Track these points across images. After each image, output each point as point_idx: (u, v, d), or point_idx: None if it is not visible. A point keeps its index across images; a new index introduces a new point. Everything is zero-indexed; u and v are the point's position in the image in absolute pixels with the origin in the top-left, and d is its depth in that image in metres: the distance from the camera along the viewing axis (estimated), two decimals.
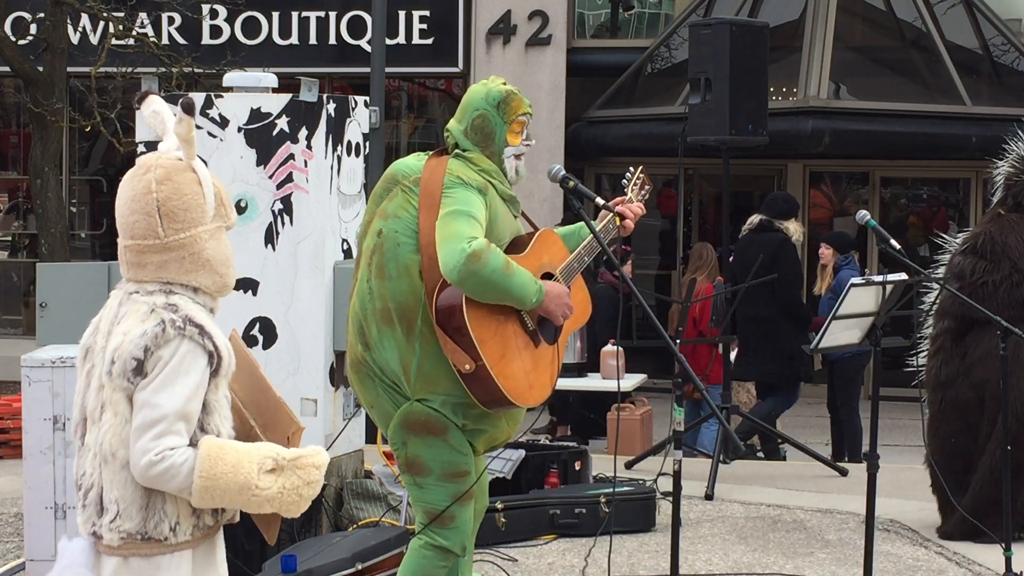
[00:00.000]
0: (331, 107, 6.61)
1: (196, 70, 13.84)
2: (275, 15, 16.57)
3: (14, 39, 13.46)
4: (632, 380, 10.36)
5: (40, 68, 13.35)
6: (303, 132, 6.49)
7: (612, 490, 7.38)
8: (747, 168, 16.76)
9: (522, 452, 7.66)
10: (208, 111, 6.53)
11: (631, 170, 5.39)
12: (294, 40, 16.61)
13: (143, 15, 15.33)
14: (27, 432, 6.00)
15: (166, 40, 15.86)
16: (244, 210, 6.49)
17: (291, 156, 6.50)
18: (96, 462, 3.42)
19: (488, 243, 4.56)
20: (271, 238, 6.52)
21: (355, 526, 6.69)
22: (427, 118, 18.31)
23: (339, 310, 6.43)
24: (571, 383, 10.10)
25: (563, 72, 16.25)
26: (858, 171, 17.03)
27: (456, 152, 4.87)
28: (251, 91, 6.63)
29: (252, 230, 6.51)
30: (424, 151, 5.01)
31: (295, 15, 16.58)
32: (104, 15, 13.50)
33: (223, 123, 6.52)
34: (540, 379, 4.81)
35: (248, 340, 6.47)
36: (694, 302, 10.59)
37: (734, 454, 9.26)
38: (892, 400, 12.21)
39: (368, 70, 11.98)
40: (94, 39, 16.01)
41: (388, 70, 12.47)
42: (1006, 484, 6.25)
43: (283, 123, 6.49)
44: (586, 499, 7.39)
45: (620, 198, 5.22)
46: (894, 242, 5.84)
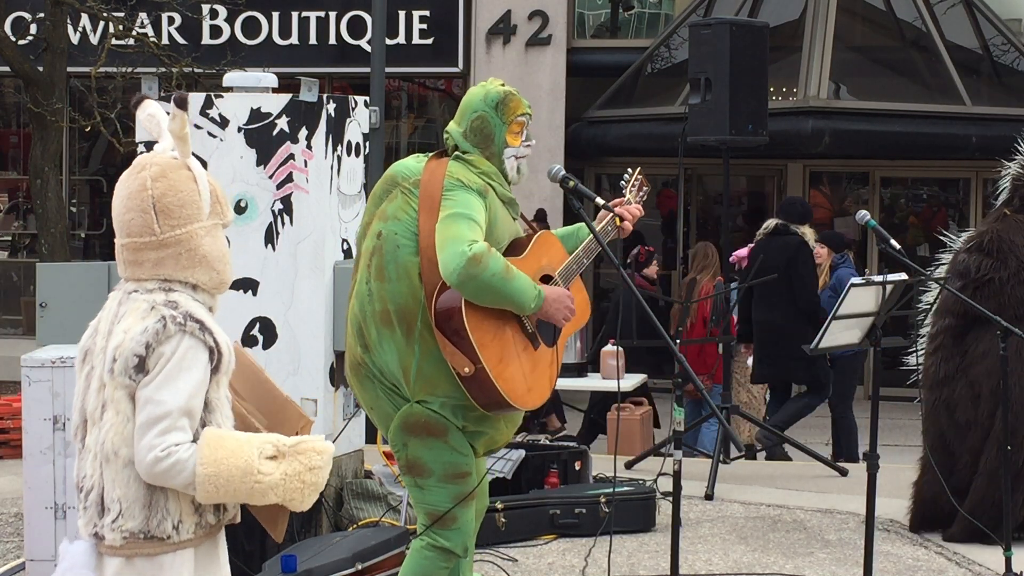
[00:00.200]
0: (331, 107, 6.61)
1: (196, 70, 13.84)
2: (275, 15, 16.58)
3: (14, 39, 13.46)
4: (632, 380, 10.35)
5: (40, 68, 13.35)
6: (303, 132, 6.49)
7: (612, 490, 7.37)
8: (747, 168, 16.78)
9: (522, 452, 7.65)
10: (208, 111, 6.52)
11: (629, 171, 5.39)
12: (294, 40, 16.61)
13: (143, 15, 15.34)
14: (27, 432, 6.00)
15: (166, 40, 15.88)
16: (244, 210, 6.48)
17: (291, 156, 6.49)
18: (97, 463, 3.42)
19: (488, 247, 4.55)
20: (271, 238, 6.52)
21: (355, 526, 6.68)
22: (427, 118, 18.32)
23: (339, 310, 6.42)
24: (571, 383, 10.09)
25: (563, 72, 16.26)
26: (858, 171, 17.03)
27: (456, 154, 4.86)
28: (251, 91, 6.62)
29: (252, 230, 6.50)
30: (424, 152, 5.00)
31: (295, 15, 16.59)
32: (104, 15, 13.49)
33: (223, 123, 6.52)
34: (539, 381, 4.81)
35: (248, 340, 6.46)
36: (696, 301, 10.59)
37: (742, 453, 9.25)
38: (892, 400, 12.20)
39: (368, 70, 11.99)
40: (94, 39, 16.02)
41: (388, 70, 12.48)
42: (1006, 484, 6.25)
43: (283, 123, 6.49)
44: (586, 499, 7.39)
45: (619, 199, 5.22)
46: (894, 242, 5.85)
